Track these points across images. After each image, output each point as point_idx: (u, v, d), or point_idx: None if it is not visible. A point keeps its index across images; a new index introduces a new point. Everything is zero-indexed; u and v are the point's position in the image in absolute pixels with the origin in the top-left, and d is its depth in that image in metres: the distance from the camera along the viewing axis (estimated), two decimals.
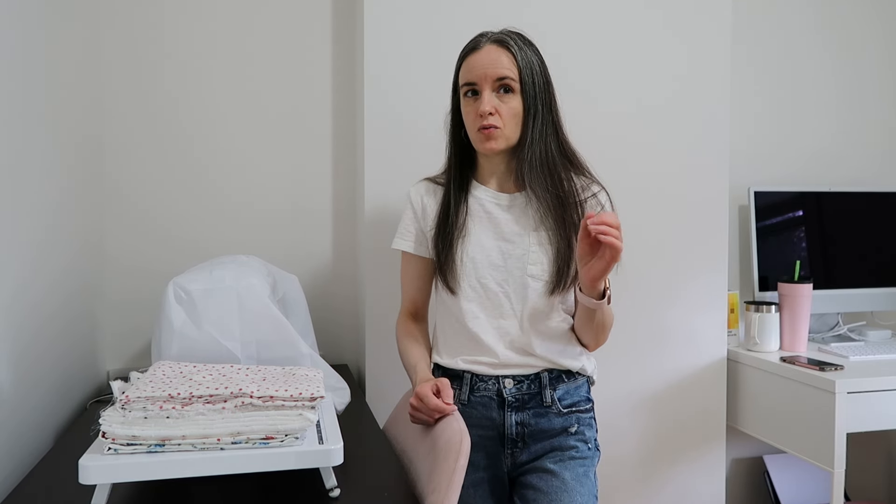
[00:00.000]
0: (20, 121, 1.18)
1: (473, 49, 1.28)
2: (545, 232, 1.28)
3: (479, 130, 1.26)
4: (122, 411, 0.88)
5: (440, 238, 1.32)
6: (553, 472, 1.26)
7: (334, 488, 0.97)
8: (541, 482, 1.26)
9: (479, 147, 1.29)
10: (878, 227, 2.19)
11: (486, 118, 1.24)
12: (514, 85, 1.25)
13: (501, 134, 1.26)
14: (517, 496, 1.30)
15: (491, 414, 1.30)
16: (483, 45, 1.27)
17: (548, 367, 1.30)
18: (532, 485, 1.27)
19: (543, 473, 1.27)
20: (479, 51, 1.26)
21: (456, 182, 1.34)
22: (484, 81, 1.25)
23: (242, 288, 1.19)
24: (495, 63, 1.24)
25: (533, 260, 1.28)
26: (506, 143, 1.27)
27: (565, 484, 1.24)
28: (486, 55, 1.25)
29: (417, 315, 1.43)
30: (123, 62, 1.74)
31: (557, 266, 1.27)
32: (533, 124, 1.27)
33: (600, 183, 1.34)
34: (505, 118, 1.25)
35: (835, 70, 2.29)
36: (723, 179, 1.94)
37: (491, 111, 1.24)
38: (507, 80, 1.25)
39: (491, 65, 1.24)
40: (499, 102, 1.25)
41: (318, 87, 1.88)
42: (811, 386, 1.73)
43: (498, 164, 1.33)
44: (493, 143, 1.26)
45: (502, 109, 1.25)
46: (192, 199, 1.80)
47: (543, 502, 1.23)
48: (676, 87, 1.90)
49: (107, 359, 1.76)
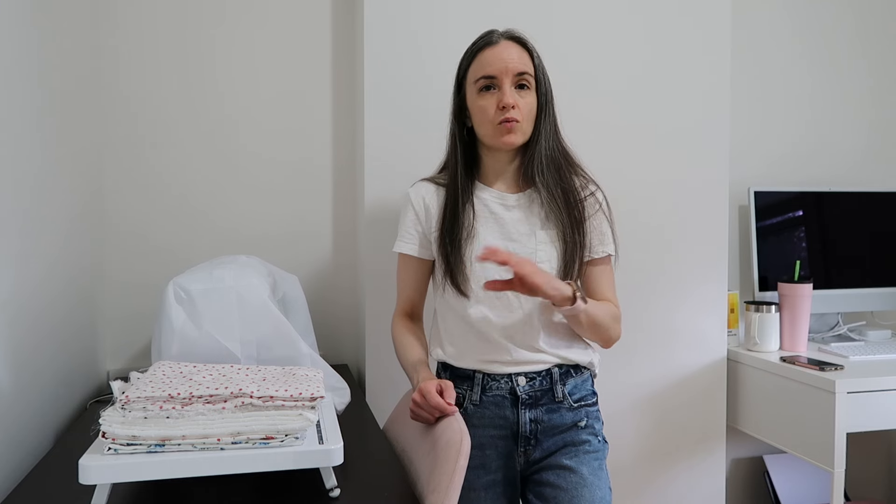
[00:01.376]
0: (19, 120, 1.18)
1: (489, 44, 1.28)
2: (553, 229, 1.29)
3: (501, 123, 1.26)
4: (122, 411, 0.88)
5: (448, 241, 1.31)
6: (570, 467, 1.26)
7: (334, 488, 0.97)
8: (558, 479, 1.26)
9: (496, 141, 1.28)
10: (878, 227, 2.19)
11: (509, 111, 1.25)
12: (531, 81, 1.27)
13: (521, 128, 1.27)
14: (533, 494, 1.30)
15: (504, 413, 1.30)
16: (498, 40, 1.28)
17: (558, 362, 1.30)
18: (549, 482, 1.27)
19: (560, 470, 1.27)
20: (497, 45, 1.27)
21: (462, 182, 1.33)
22: (504, 75, 1.25)
23: (242, 288, 1.19)
24: (514, 58, 1.26)
25: (541, 258, 1.28)
26: (523, 139, 1.29)
27: (583, 479, 1.25)
28: (505, 50, 1.26)
29: (413, 315, 1.42)
30: (123, 68, 1.74)
31: (565, 262, 1.28)
32: (545, 119, 1.29)
33: (595, 182, 1.35)
34: (524, 113, 1.27)
35: (835, 70, 2.29)
36: (723, 180, 1.94)
37: (514, 104, 1.25)
38: (527, 76, 1.27)
39: (511, 60, 1.25)
40: (518, 97, 1.26)
41: (318, 87, 1.88)
42: (811, 386, 1.73)
43: (504, 163, 1.33)
44: (514, 136, 1.27)
45: (521, 104, 1.26)
46: (192, 199, 1.80)
47: (564, 499, 1.23)
48: (677, 87, 1.90)
49: (107, 359, 1.76)
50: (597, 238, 1.32)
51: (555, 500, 1.24)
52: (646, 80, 1.88)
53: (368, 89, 1.71)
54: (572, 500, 1.23)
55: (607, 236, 1.33)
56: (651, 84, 1.88)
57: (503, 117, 1.25)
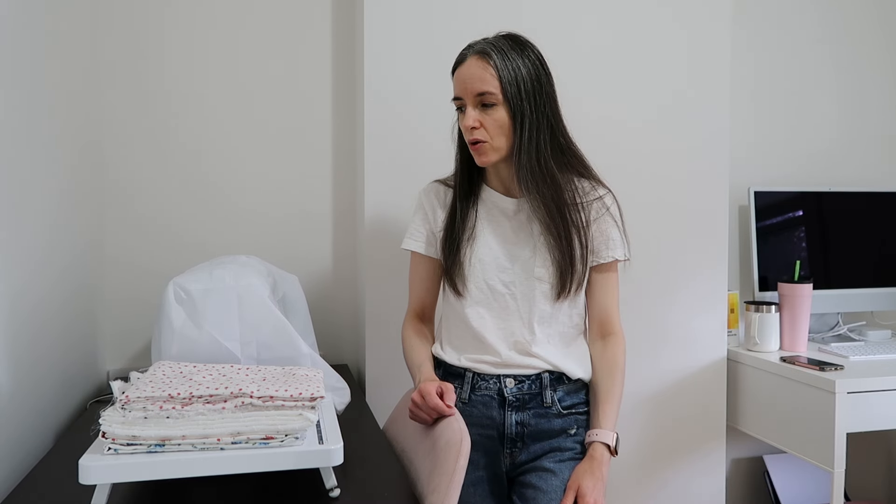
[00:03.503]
0: (20, 120, 1.18)
1: (460, 63, 1.27)
2: (549, 236, 1.28)
3: (470, 145, 1.26)
4: (122, 411, 0.88)
5: (448, 241, 1.33)
6: (553, 471, 1.26)
7: (334, 488, 0.97)
8: (540, 481, 1.26)
9: (475, 160, 1.29)
10: (878, 227, 2.19)
11: (472, 132, 1.24)
12: (494, 98, 1.22)
13: (490, 147, 1.25)
14: (516, 495, 1.30)
15: (491, 413, 1.30)
16: (468, 57, 1.26)
17: (549, 368, 1.30)
18: (532, 483, 1.27)
19: (543, 472, 1.27)
20: (463, 65, 1.26)
21: (464, 187, 1.34)
22: (466, 96, 1.25)
23: (242, 288, 1.19)
24: (474, 78, 1.23)
25: (539, 263, 1.28)
26: (497, 155, 1.26)
27: (565, 482, 1.24)
28: (468, 70, 1.24)
29: (424, 316, 1.43)
30: (124, 63, 1.74)
31: (560, 270, 1.27)
32: (522, 132, 1.23)
33: (607, 186, 1.33)
34: (491, 131, 1.24)
35: (835, 70, 2.29)
36: (723, 180, 1.94)
37: (475, 125, 1.23)
38: (487, 94, 1.22)
39: (471, 80, 1.23)
40: (483, 116, 1.24)
41: (319, 89, 1.88)
42: (811, 386, 1.73)
43: (501, 170, 1.33)
44: (484, 156, 1.26)
45: (486, 122, 1.24)
46: (192, 200, 1.80)
47: (543, 501, 1.23)
48: (677, 87, 1.90)
49: (107, 359, 1.76)
50: (602, 243, 1.30)
51: (534, 500, 1.25)
52: (646, 79, 1.87)
53: (369, 90, 1.71)
54: (550, 502, 1.23)
55: (614, 241, 1.31)
56: (651, 84, 1.88)
57: (469, 139, 1.26)
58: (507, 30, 1.30)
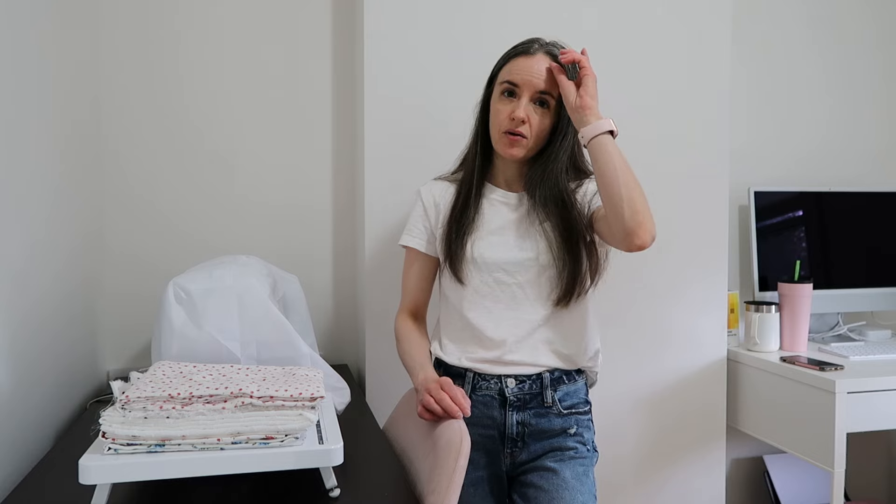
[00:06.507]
0: (18, 115, 1.18)
1: (525, 52, 1.27)
2: (551, 231, 1.28)
3: (505, 134, 1.26)
4: (122, 411, 0.88)
5: (453, 232, 1.32)
6: (554, 470, 1.26)
7: (334, 488, 0.97)
8: (541, 480, 1.26)
9: (499, 149, 1.29)
10: (877, 227, 2.19)
11: (518, 125, 1.25)
12: (551, 102, 1.26)
13: (525, 144, 1.27)
14: (517, 494, 1.30)
15: (492, 413, 1.30)
16: (536, 51, 1.26)
17: (550, 367, 1.30)
18: (532, 483, 1.27)
19: (544, 472, 1.27)
20: (531, 56, 1.26)
21: (477, 177, 1.34)
22: (525, 88, 1.25)
23: (242, 288, 1.19)
24: (543, 75, 1.24)
25: (542, 249, 1.29)
26: (524, 154, 1.28)
27: (566, 482, 1.25)
28: (537, 63, 1.25)
29: (417, 315, 1.42)
30: (125, 58, 1.74)
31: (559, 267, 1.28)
32: (559, 141, 1.28)
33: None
34: (534, 131, 1.26)
35: (834, 70, 2.29)
36: (723, 179, 1.94)
37: (524, 118, 1.24)
38: (547, 96, 1.25)
39: (539, 75, 1.24)
40: (532, 113, 1.25)
41: (319, 87, 1.88)
42: (811, 386, 1.73)
43: (511, 166, 1.34)
44: (516, 150, 1.27)
45: (533, 121, 1.26)
46: (192, 198, 1.80)
47: (544, 500, 1.23)
48: (676, 86, 1.89)
49: (107, 359, 1.76)
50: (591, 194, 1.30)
51: (535, 500, 1.25)
52: (646, 79, 1.87)
53: (369, 90, 1.71)
54: (552, 500, 1.22)
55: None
56: (651, 84, 1.88)
57: (510, 128, 1.26)
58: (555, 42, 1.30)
